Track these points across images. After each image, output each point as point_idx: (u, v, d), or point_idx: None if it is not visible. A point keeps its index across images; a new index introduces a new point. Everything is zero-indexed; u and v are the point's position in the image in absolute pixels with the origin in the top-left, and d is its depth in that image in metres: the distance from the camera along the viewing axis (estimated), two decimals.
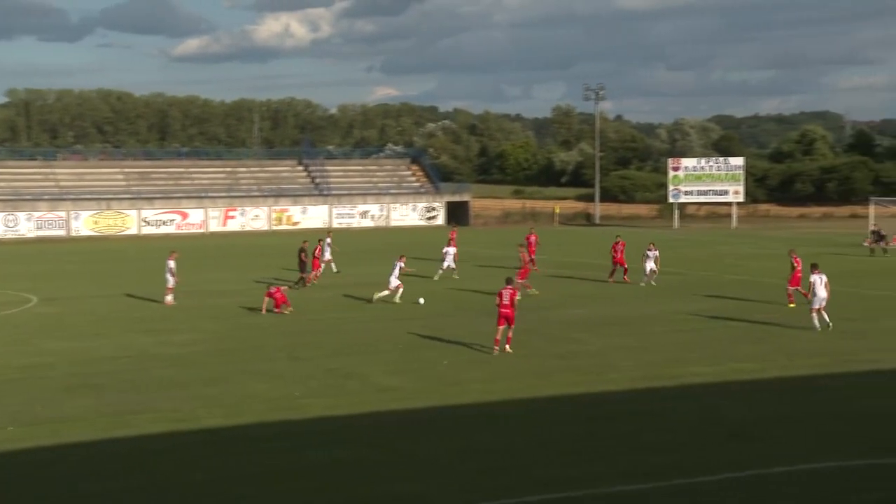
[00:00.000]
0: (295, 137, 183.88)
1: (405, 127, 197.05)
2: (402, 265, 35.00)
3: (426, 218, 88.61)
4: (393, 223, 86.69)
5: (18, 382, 22.39)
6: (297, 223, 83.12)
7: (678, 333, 28.18)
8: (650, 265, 39.13)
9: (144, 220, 79.66)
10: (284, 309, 32.28)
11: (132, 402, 20.30)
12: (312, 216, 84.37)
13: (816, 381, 22.21)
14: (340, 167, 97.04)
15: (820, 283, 27.74)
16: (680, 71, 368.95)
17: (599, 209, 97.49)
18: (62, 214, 77.42)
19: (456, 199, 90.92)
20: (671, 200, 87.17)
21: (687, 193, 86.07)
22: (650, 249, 39.52)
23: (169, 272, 35.10)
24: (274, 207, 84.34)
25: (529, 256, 45.09)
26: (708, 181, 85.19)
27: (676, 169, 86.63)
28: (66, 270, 49.75)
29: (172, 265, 35.17)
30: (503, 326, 24.96)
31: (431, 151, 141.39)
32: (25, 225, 76.39)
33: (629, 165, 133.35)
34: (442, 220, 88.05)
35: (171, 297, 35.08)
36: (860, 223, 69.19)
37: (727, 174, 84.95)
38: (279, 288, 33.27)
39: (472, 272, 42.66)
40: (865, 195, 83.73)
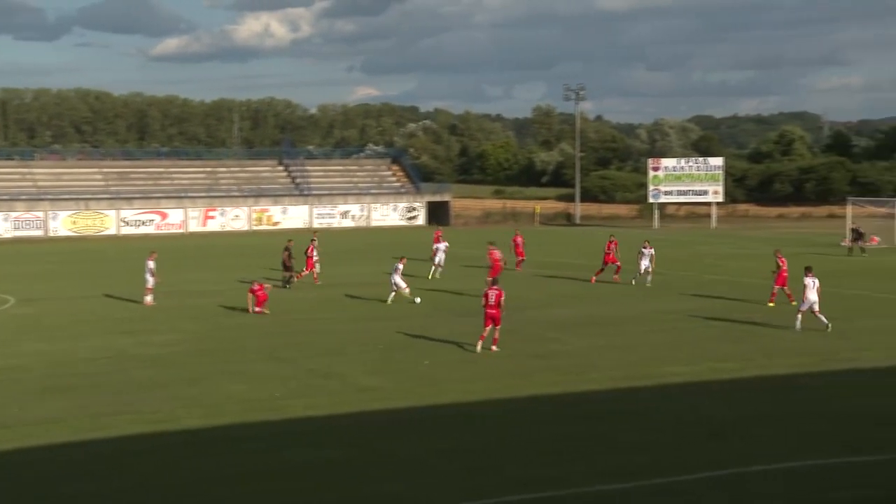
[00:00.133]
0: (275, 137, 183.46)
1: (386, 127, 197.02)
2: (401, 267, 34.88)
3: (407, 218, 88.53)
4: (374, 223, 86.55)
5: None
6: (277, 223, 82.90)
7: (658, 333, 28.27)
8: (645, 263, 38.94)
9: (123, 220, 79.22)
10: (265, 307, 32.19)
11: (111, 403, 20.18)
12: (293, 216, 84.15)
13: (796, 380, 22.34)
14: (321, 167, 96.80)
15: (812, 286, 27.80)
16: (659, 71, 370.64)
17: (580, 209, 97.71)
18: (40, 214, 76.86)
19: (437, 199, 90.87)
20: (651, 200, 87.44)
21: (667, 193, 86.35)
22: (645, 247, 39.38)
23: (148, 272, 34.98)
24: (254, 207, 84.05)
25: (519, 258, 45.40)
26: (687, 181, 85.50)
27: (656, 169, 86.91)
28: (44, 271, 49.42)
29: (152, 265, 35.06)
30: (489, 327, 25.03)
31: (412, 151, 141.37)
32: (2, 225, 75.70)
33: (609, 165, 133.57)
34: (423, 220, 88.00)
35: (150, 297, 34.94)
36: (838, 223, 69.57)
37: (707, 174, 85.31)
38: (262, 285, 33.15)
39: (453, 272, 42.65)
40: (843, 195, 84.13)
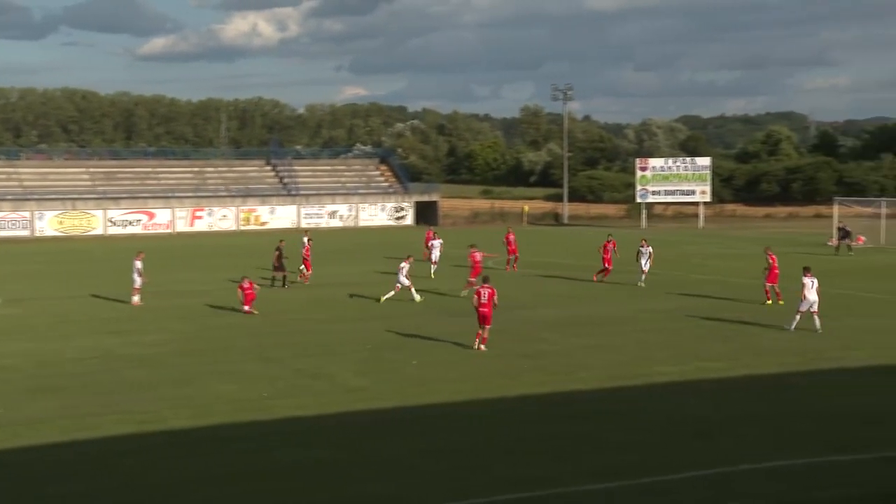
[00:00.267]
0: (263, 137, 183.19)
1: (374, 127, 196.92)
2: (407, 266, 34.86)
3: (395, 218, 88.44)
4: (362, 223, 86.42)
5: None
6: (265, 223, 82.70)
7: (646, 333, 28.32)
8: (645, 262, 38.96)
9: (110, 220, 78.90)
10: (253, 308, 32.14)
11: (98, 403, 20.13)
12: (281, 216, 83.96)
13: (783, 379, 22.41)
14: (309, 167, 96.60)
15: (811, 286, 27.77)
16: (647, 71, 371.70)
17: (568, 209, 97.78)
18: (26, 214, 76.47)
19: (425, 199, 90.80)
20: (639, 200, 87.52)
21: (654, 193, 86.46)
22: (643, 246, 39.45)
23: (136, 272, 34.90)
24: (242, 207, 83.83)
25: (513, 255, 45.67)
26: (675, 181, 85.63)
27: (644, 169, 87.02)
28: (30, 271, 49.22)
29: (139, 265, 34.98)
30: (484, 325, 25.10)
31: (400, 151, 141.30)
32: None
33: (597, 165, 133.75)
34: (411, 220, 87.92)
35: (137, 297, 34.85)
36: (825, 223, 69.85)
37: (694, 174, 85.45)
38: (252, 283, 33.10)
39: (441, 272, 42.65)
40: (829, 195, 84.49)
